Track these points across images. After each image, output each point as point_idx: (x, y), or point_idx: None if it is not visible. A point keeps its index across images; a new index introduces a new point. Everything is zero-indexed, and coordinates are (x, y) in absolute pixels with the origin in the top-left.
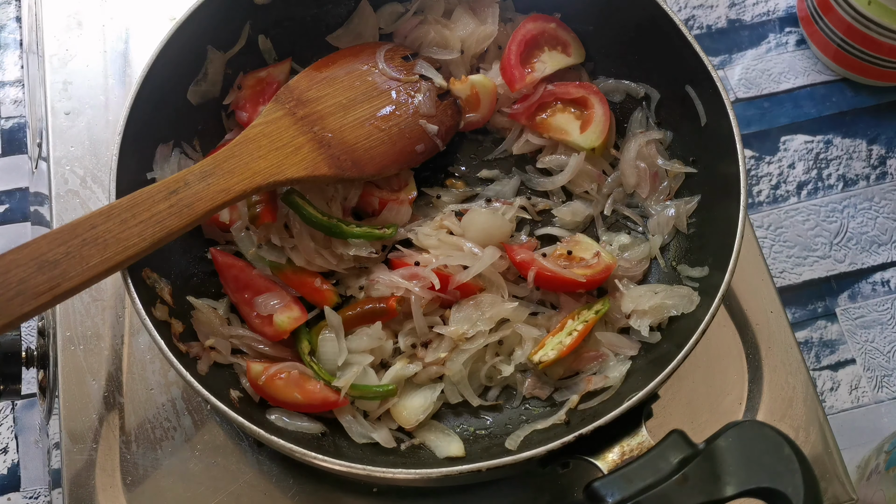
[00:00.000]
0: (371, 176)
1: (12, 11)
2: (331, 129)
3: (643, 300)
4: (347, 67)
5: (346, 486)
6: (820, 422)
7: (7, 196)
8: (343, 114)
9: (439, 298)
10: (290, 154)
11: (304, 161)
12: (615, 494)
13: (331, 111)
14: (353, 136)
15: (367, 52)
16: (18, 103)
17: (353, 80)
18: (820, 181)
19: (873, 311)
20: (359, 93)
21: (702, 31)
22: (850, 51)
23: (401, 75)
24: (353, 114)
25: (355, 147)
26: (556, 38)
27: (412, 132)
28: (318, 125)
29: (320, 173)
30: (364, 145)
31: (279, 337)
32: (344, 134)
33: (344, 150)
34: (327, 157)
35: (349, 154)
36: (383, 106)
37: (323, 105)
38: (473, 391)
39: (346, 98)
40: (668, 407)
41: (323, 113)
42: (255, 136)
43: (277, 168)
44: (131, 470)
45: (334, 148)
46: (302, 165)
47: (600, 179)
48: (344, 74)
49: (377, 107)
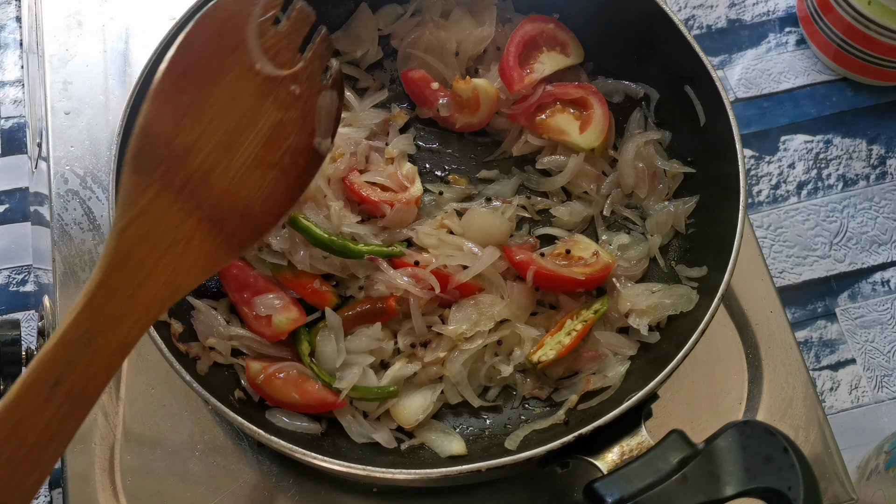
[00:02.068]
0: (269, 233)
1: (12, 11)
2: (219, 193)
3: (641, 299)
4: (213, 70)
5: (346, 486)
6: (820, 422)
7: (7, 196)
8: (228, 160)
9: (438, 298)
10: (180, 256)
11: (199, 259)
12: (615, 494)
13: (213, 162)
14: (247, 191)
15: (230, 28)
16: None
17: (227, 95)
18: (820, 181)
19: (873, 310)
20: (239, 115)
21: (702, 31)
22: (850, 51)
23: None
24: (240, 154)
25: (251, 206)
26: (554, 39)
27: (305, 153)
28: (203, 193)
29: (220, 266)
30: (260, 197)
31: (277, 338)
32: (236, 193)
33: (240, 217)
34: (224, 239)
35: (245, 219)
36: (269, 125)
37: (201, 155)
38: (473, 391)
39: (225, 131)
40: (667, 407)
41: (204, 169)
42: (130, 247)
43: (172, 283)
44: (131, 470)
45: (229, 221)
46: (199, 266)
47: (599, 180)
48: (212, 86)
49: (263, 130)
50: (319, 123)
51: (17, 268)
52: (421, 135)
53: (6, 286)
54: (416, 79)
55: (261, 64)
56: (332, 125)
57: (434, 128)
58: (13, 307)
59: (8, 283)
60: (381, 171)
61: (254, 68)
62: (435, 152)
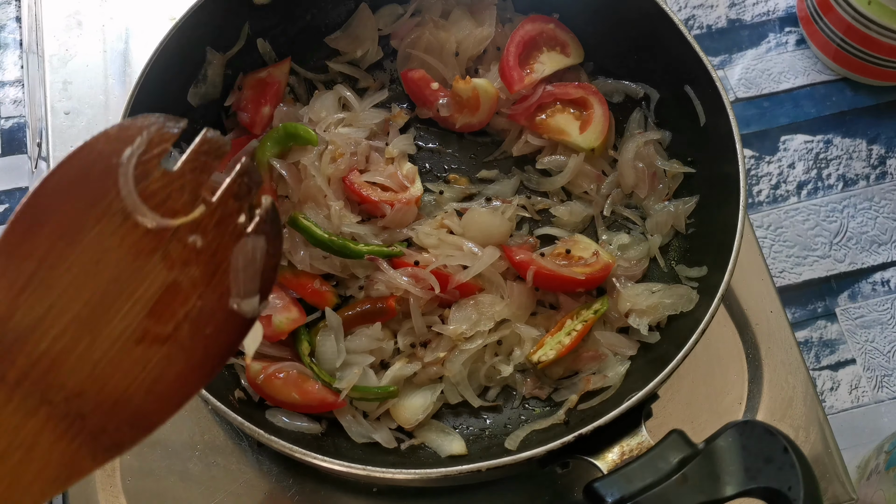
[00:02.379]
0: (165, 422)
1: (12, 11)
2: (77, 382)
3: (640, 299)
4: (69, 227)
5: (346, 486)
6: (820, 422)
7: (7, 196)
8: (91, 338)
9: (438, 298)
10: (17, 467)
11: (47, 469)
12: (615, 494)
13: (67, 343)
14: (121, 376)
15: (96, 173)
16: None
17: (89, 257)
18: (820, 181)
19: (873, 310)
20: (107, 280)
21: (702, 31)
22: (850, 51)
23: (174, 212)
24: (109, 330)
25: (128, 394)
26: (554, 39)
27: (216, 320)
28: (53, 384)
29: (83, 474)
30: (143, 381)
31: (277, 338)
32: (103, 380)
33: (111, 410)
34: (88, 439)
35: (120, 412)
36: (155, 289)
37: (49, 337)
38: (473, 391)
39: (86, 303)
40: (667, 407)
41: (54, 353)
42: None
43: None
44: (131, 470)
45: (94, 416)
46: (46, 477)
47: (599, 180)
48: (67, 248)
49: (146, 296)
50: (238, 280)
51: None
52: (421, 135)
53: None
54: (416, 79)
55: (140, 214)
56: (260, 280)
57: (434, 128)
58: None
59: None
60: (382, 170)
61: (130, 219)
62: (435, 152)
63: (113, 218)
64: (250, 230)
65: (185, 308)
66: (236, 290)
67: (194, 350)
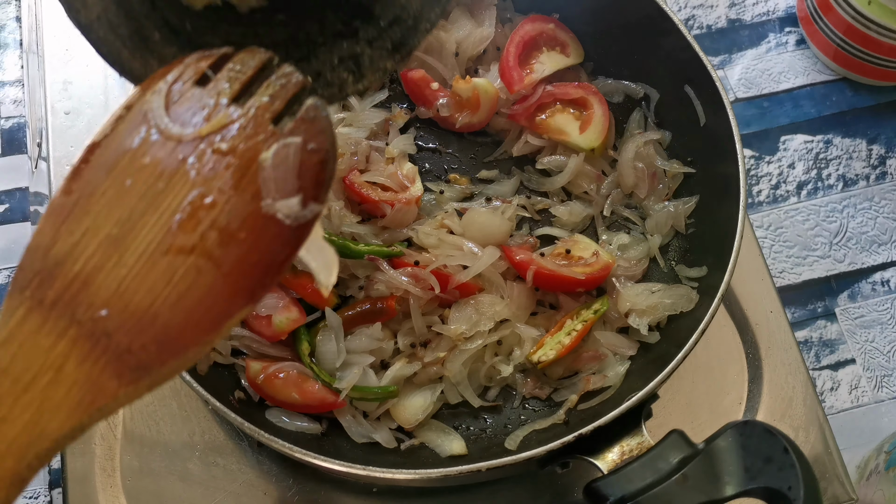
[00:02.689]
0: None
1: (12, 11)
2: (104, 300)
3: (641, 299)
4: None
5: (346, 486)
6: (820, 422)
7: (7, 196)
8: (118, 256)
9: (438, 298)
10: (47, 389)
11: (73, 390)
12: (615, 494)
13: (97, 264)
14: (146, 290)
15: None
16: (18, 103)
17: (120, 180)
18: (820, 181)
19: (873, 310)
20: (135, 198)
21: (702, 31)
22: (850, 51)
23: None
24: (136, 245)
25: (154, 309)
26: (554, 39)
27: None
28: (82, 303)
29: (106, 398)
30: (170, 296)
31: (277, 337)
32: (129, 295)
33: (136, 327)
34: (112, 359)
35: (147, 329)
36: (180, 200)
37: (82, 259)
38: (473, 391)
39: (116, 221)
40: (667, 407)
41: (85, 274)
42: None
43: (34, 425)
44: (131, 470)
45: (119, 334)
46: (72, 399)
47: (599, 180)
48: (104, 176)
49: (171, 207)
50: (269, 180)
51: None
52: (421, 135)
53: (6, 286)
54: (416, 79)
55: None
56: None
57: (434, 128)
58: None
59: (8, 282)
60: (382, 170)
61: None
62: (435, 152)
63: (144, 140)
64: (285, 131)
65: (211, 215)
66: (267, 191)
67: (224, 260)
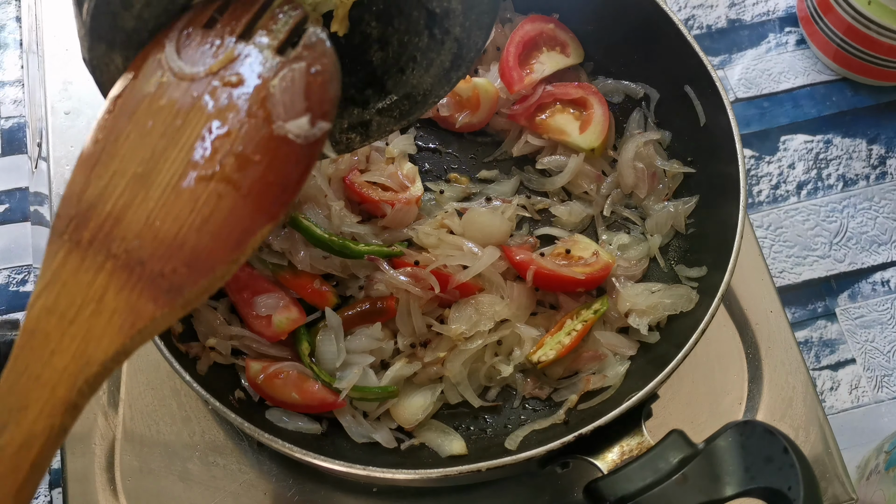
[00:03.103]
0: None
1: (12, 11)
2: (135, 232)
3: (641, 299)
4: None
5: (346, 486)
6: (820, 422)
7: (7, 196)
8: (145, 192)
9: (438, 298)
10: (90, 319)
11: (114, 317)
12: (615, 494)
13: (126, 201)
14: (173, 219)
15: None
16: (18, 103)
17: (142, 120)
18: (820, 181)
19: (873, 310)
20: (157, 137)
21: (702, 31)
22: (850, 51)
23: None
24: (160, 179)
25: (182, 235)
26: (554, 39)
27: (262, 148)
28: (115, 238)
29: (144, 320)
30: (195, 221)
31: (277, 338)
32: (157, 225)
33: (166, 253)
34: (147, 284)
35: (176, 254)
36: (197, 132)
37: (112, 199)
38: (473, 391)
39: (140, 161)
40: (667, 407)
41: (116, 212)
42: (37, 323)
43: (82, 353)
44: (131, 470)
45: (152, 260)
46: (115, 325)
47: (599, 180)
48: (126, 122)
49: (190, 140)
50: (277, 103)
51: (18, 268)
52: (421, 135)
53: (6, 286)
54: None
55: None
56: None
57: (434, 128)
58: (13, 307)
59: (8, 282)
60: (382, 170)
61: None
62: (435, 152)
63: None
64: (290, 58)
65: (227, 143)
66: (277, 114)
67: (243, 183)
